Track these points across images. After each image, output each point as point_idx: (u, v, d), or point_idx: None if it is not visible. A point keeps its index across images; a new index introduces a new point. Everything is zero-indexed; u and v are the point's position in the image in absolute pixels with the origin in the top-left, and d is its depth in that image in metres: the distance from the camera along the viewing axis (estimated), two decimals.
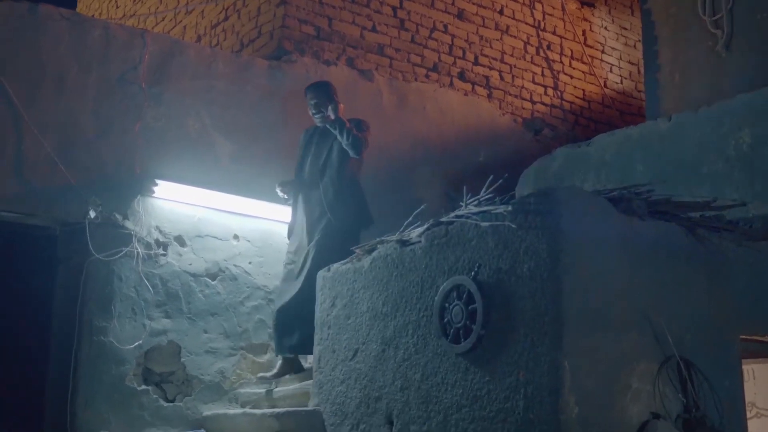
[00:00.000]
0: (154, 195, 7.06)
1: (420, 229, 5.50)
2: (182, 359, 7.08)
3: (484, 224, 4.91)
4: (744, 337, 5.37)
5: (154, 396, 6.89)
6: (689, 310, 4.99)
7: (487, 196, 5.25)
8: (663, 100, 8.13)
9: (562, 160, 6.97)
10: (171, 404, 6.97)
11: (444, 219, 5.32)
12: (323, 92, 7.14)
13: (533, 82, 10.27)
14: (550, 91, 10.40)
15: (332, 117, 7.00)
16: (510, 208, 4.72)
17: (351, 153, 6.98)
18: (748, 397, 5.45)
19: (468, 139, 9.33)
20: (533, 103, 10.20)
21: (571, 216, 4.59)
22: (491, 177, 5.30)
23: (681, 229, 5.10)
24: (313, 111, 7.16)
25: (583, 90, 10.81)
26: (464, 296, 4.95)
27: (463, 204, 5.32)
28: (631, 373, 4.64)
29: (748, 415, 5.35)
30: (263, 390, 6.85)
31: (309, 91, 7.20)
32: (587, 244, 4.62)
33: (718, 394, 4.96)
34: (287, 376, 6.87)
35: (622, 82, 11.28)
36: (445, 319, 5.07)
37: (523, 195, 4.86)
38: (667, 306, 4.87)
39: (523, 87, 10.14)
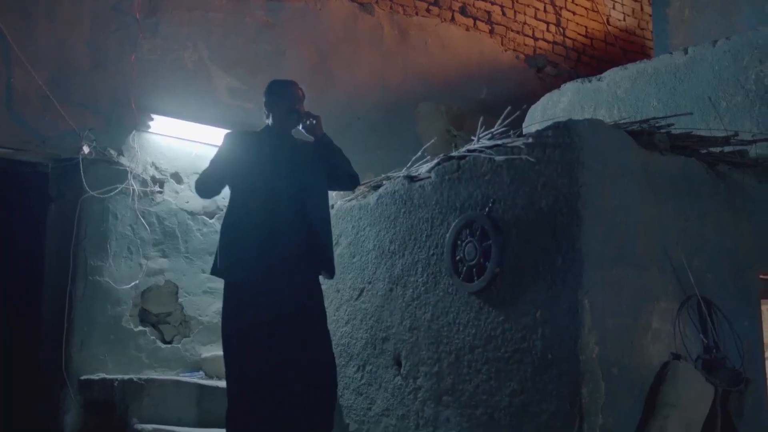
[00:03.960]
0: (150, 130, 6.85)
1: (429, 164, 5.31)
2: (180, 299, 6.94)
3: (499, 158, 4.72)
4: (764, 276, 5.22)
5: (152, 337, 6.75)
6: (710, 248, 4.84)
7: (500, 130, 5.07)
8: (672, 36, 7.94)
9: (571, 95, 6.75)
10: (169, 346, 6.84)
11: (455, 153, 5.13)
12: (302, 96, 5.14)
13: (535, 18, 10.02)
14: (552, 28, 10.16)
15: (319, 133, 5.00)
16: (530, 140, 4.52)
17: (345, 188, 5.42)
18: (765, 338, 5.32)
19: (470, 75, 9.12)
20: (535, 39, 9.96)
21: (592, 149, 4.41)
22: (509, 108, 5.12)
23: (702, 164, 4.93)
24: (294, 116, 5.02)
25: (586, 27, 10.57)
26: (478, 233, 4.78)
27: (474, 138, 5.13)
28: (652, 312, 4.50)
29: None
30: None
31: (296, 87, 5.14)
32: (608, 179, 4.44)
33: (738, 335, 4.83)
34: None
35: (625, 20, 11.03)
36: (458, 257, 4.91)
37: (540, 129, 4.65)
38: (687, 243, 4.72)
39: (525, 23, 9.89)
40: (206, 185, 4.94)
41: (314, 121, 4.96)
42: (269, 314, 4.65)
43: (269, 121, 5.04)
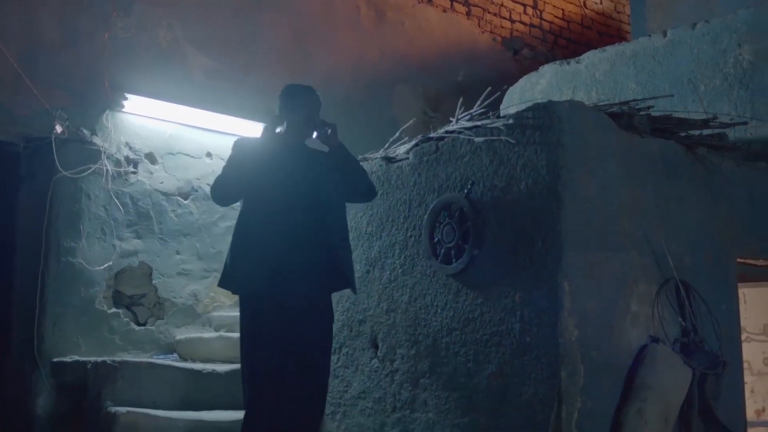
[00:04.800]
0: (124, 110, 6.74)
1: (407, 146, 5.28)
2: (154, 281, 6.85)
3: (478, 139, 4.69)
4: (741, 260, 5.23)
5: (125, 319, 6.67)
6: (688, 231, 4.84)
7: (479, 111, 5.03)
8: (650, 19, 7.93)
9: (549, 77, 6.73)
10: (142, 328, 6.76)
11: (434, 134, 5.10)
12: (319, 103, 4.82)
13: (512, 0, 9.96)
14: (529, 10, 10.11)
15: (335, 143, 4.67)
16: (510, 121, 4.49)
17: (363, 200, 5.02)
18: (741, 321, 5.34)
19: (447, 57, 9.06)
20: (512, 22, 9.91)
21: (572, 131, 4.38)
22: (488, 89, 5.08)
23: (681, 147, 4.92)
24: (310, 125, 4.69)
25: (563, 10, 10.52)
26: (456, 215, 4.75)
27: (453, 119, 5.09)
28: (631, 295, 4.50)
29: None
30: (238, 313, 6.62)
31: (314, 94, 4.79)
32: (588, 161, 4.42)
33: (716, 318, 4.83)
34: None
35: (601, 3, 10.99)
36: (436, 239, 4.87)
37: (520, 110, 4.61)
38: (666, 226, 4.72)
39: (502, 5, 9.82)
40: (225, 190, 4.62)
41: (329, 130, 4.64)
42: (284, 327, 4.44)
43: (283, 128, 4.69)
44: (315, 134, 4.68)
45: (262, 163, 4.56)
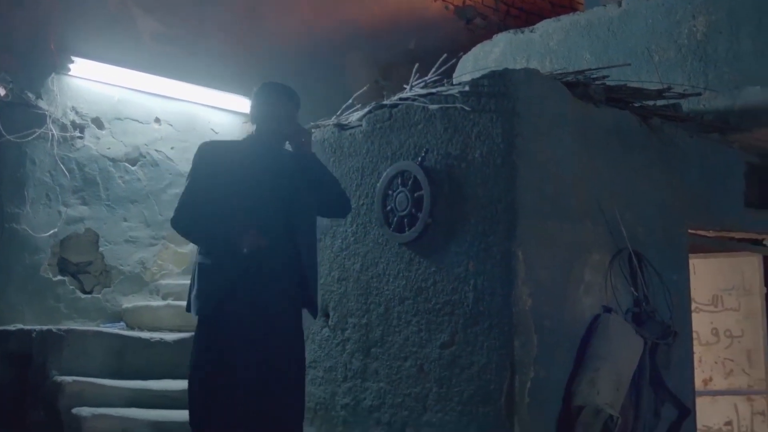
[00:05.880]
0: (71, 73, 6.62)
1: (360, 113, 5.21)
2: (100, 249, 6.75)
3: (433, 107, 4.64)
4: (692, 231, 5.26)
5: (71, 287, 6.57)
6: (641, 202, 4.85)
7: (434, 79, 4.98)
8: None
9: (503, 46, 6.67)
10: (89, 296, 6.67)
11: (387, 102, 5.03)
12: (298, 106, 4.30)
13: None
14: None
15: (309, 153, 4.23)
16: (466, 88, 4.44)
17: (338, 215, 4.68)
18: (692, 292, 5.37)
19: (399, 25, 8.97)
20: None
21: (528, 99, 4.35)
22: (444, 56, 5.02)
23: (635, 117, 4.92)
24: (285, 131, 4.18)
25: None
26: (410, 183, 4.70)
27: (407, 86, 5.03)
28: (585, 264, 4.50)
29: None
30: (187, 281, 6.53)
31: (293, 97, 4.26)
32: (543, 129, 4.40)
33: (668, 288, 4.85)
34: None
35: None
36: (388, 207, 4.82)
37: (475, 77, 4.56)
38: (620, 196, 4.72)
39: None
40: (189, 220, 4.07)
41: (303, 140, 4.16)
42: (245, 356, 3.91)
43: (253, 130, 4.26)
44: (288, 142, 4.23)
45: (230, 172, 4.04)
